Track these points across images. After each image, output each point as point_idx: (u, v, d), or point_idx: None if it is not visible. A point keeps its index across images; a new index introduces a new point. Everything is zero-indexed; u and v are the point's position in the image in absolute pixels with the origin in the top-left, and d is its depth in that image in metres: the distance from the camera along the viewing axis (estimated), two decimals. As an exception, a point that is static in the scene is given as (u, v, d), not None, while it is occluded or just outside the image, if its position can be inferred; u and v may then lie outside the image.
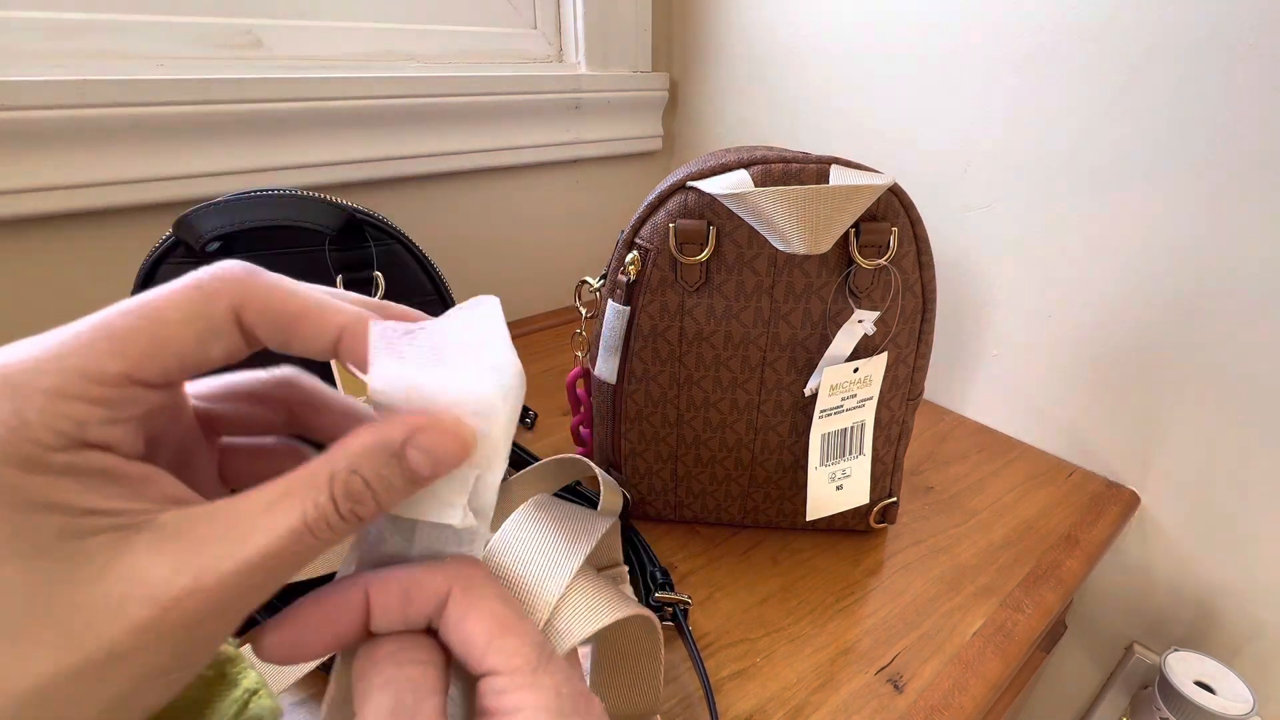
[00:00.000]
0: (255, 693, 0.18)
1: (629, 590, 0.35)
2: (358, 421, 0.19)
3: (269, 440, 0.20)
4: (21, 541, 0.12)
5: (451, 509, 0.17)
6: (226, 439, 0.19)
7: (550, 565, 0.21)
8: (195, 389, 0.18)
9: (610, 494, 0.45)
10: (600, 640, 0.28)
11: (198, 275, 0.15)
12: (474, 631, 0.17)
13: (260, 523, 0.14)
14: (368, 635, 0.17)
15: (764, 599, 0.44)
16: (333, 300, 0.17)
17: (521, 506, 0.24)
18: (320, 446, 0.16)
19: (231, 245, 0.39)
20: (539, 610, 0.20)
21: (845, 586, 0.45)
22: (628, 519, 0.48)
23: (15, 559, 0.12)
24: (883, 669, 0.39)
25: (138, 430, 0.14)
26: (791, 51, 0.72)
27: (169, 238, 0.38)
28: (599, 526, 0.25)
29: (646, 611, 0.23)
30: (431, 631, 0.17)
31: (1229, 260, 0.48)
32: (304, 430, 0.20)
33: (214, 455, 0.19)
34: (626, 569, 0.41)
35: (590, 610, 0.21)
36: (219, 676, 0.18)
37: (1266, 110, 0.44)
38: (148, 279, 0.39)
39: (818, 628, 0.42)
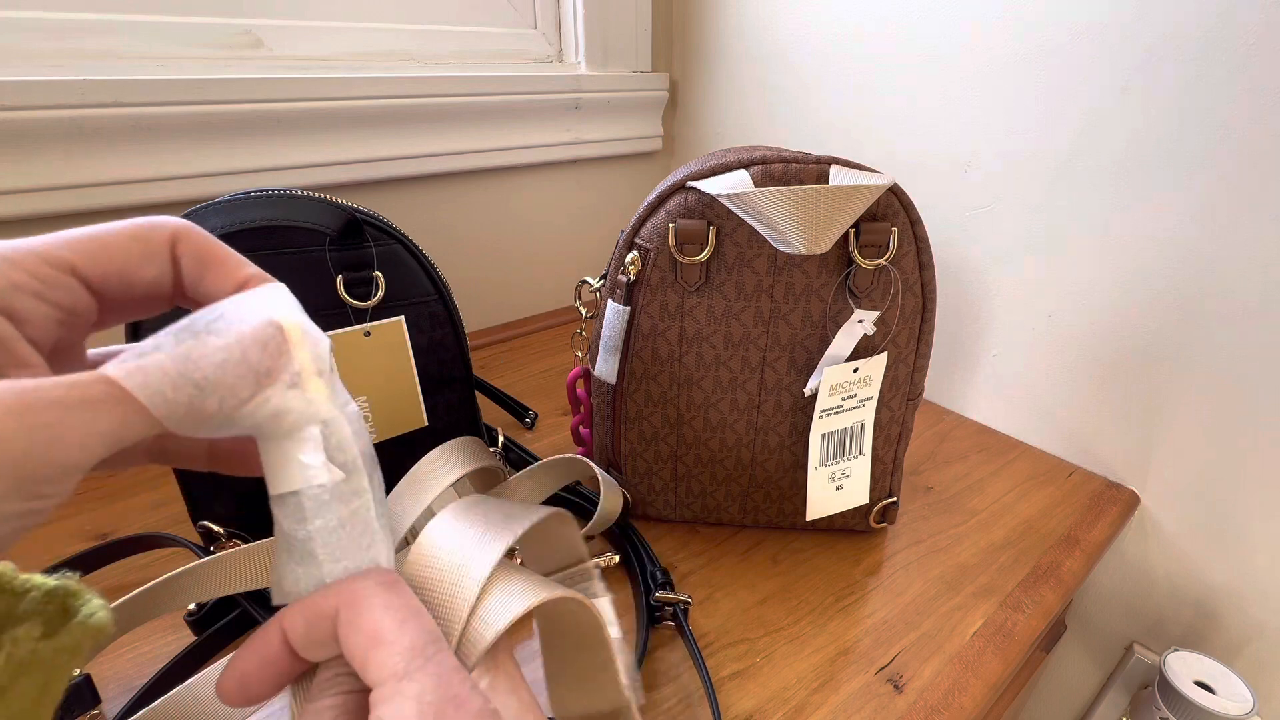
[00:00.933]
0: (70, 593, 0.15)
1: (597, 587, 0.34)
2: (244, 284, 0.18)
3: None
4: None
5: (312, 470, 0.17)
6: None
7: (464, 561, 0.20)
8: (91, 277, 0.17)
9: (610, 494, 0.46)
10: (544, 636, 0.27)
11: (149, 216, 0.17)
12: (353, 647, 0.17)
13: (81, 378, 0.14)
14: (306, 664, 0.18)
15: (764, 599, 0.44)
16: (245, 258, 0.19)
17: (445, 509, 0.22)
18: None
19: (231, 245, 0.39)
20: (458, 610, 0.19)
21: (845, 586, 0.45)
22: (628, 519, 0.48)
23: None
24: (883, 669, 0.39)
25: (55, 318, 0.15)
26: (792, 51, 0.72)
27: (169, 238, 0.38)
28: (528, 516, 0.23)
29: (571, 593, 0.21)
30: None
31: (1229, 261, 0.48)
32: (197, 296, 0.19)
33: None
34: (597, 567, 0.40)
35: (503, 603, 0.19)
36: None
37: (1267, 111, 0.44)
38: (148, 279, 0.39)
39: (818, 628, 0.42)
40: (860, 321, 0.41)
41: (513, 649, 0.20)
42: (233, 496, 0.41)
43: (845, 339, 0.41)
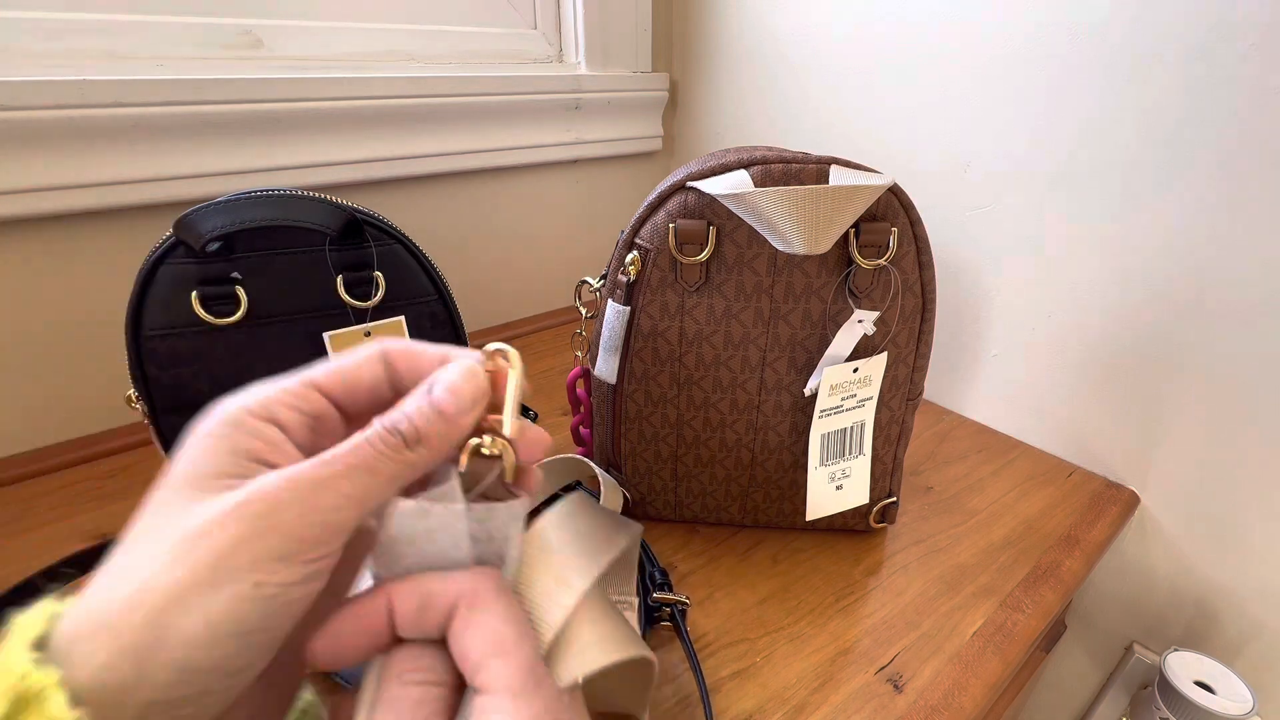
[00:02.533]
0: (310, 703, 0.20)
1: (632, 618, 0.34)
2: (443, 361, 0.21)
3: None
4: (197, 469, 0.17)
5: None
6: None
7: (556, 588, 0.21)
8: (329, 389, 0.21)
9: (610, 494, 0.46)
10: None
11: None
12: (469, 647, 0.17)
13: (335, 448, 0.18)
14: (396, 640, 0.18)
15: (764, 599, 0.44)
16: (441, 347, 0.22)
17: (553, 511, 0.23)
18: None
19: (232, 245, 0.39)
20: (543, 632, 0.20)
21: (845, 586, 0.45)
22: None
23: (185, 482, 0.17)
24: (882, 669, 0.39)
25: (307, 423, 0.19)
26: (792, 51, 0.72)
27: (169, 238, 0.38)
28: (618, 540, 0.23)
29: (651, 655, 0.22)
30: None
31: (1229, 260, 0.48)
32: (406, 388, 0.22)
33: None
34: (635, 596, 0.38)
35: (592, 645, 0.20)
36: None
37: (1268, 111, 0.44)
38: (148, 279, 0.39)
39: (817, 628, 0.42)
40: (860, 321, 0.41)
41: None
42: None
43: (845, 339, 0.41)
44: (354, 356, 0.21)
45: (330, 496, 0.17)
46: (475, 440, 0.20)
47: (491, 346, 0.21)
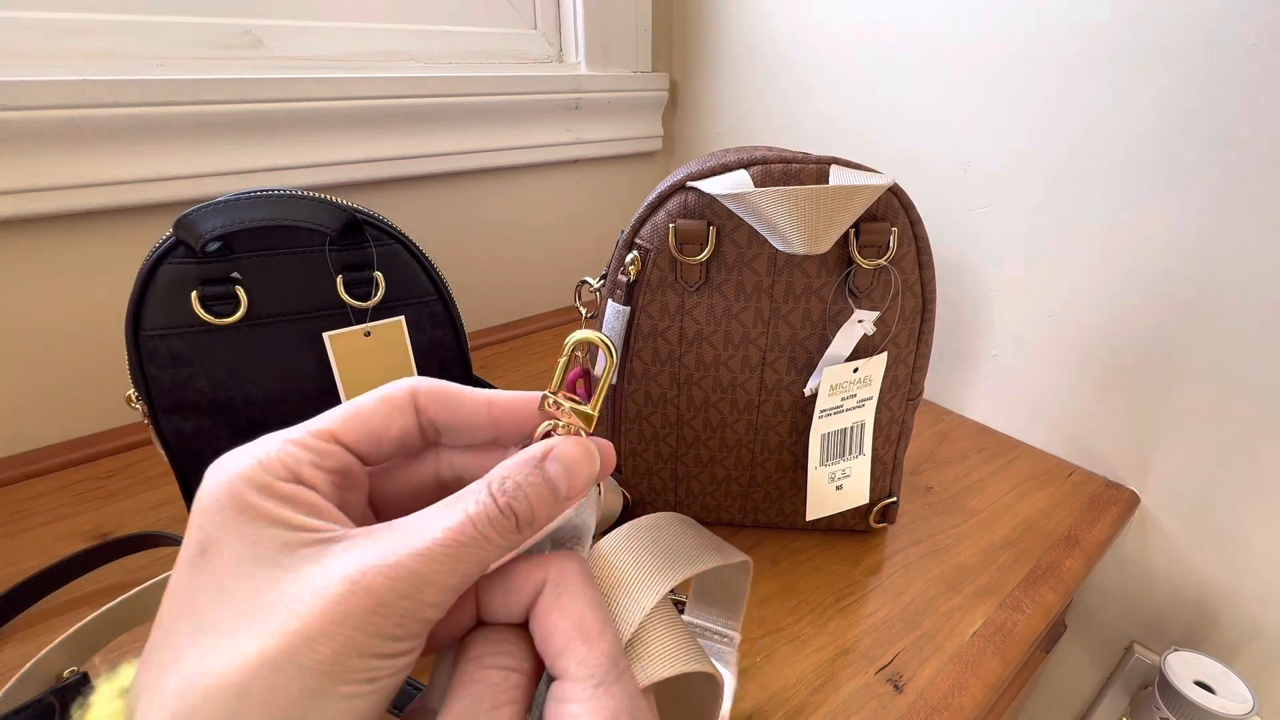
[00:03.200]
0: None
1: (730, 658, 0.33)
2: (489, 408, 0.20)
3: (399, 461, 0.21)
4: (250, 551, 0.15)
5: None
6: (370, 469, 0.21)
7: (637, 587, 0.20)
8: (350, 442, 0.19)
9: (610, 494, 0.46)
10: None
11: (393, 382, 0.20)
12: (552, 630, 0.17)
13: (432, 522, 0.16)
14: (479, 623, 0.18)
15: (764, 599, 0.44)
16: (484, 391, 0.20)
17: (646, 517, 0.22)
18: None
19: (231, 245, 0.39)
20: (621, 629, 0.19)
21: (845, 586, 0.45)
22: (628, 519, 0.48)
23: (243, 566, 0.15)
24: (882, 669, 0.39)
25: (332, 480, 0.17)
26: (792, 51, 0.72)
27: (169, 238, 0.38)
28: (707, 558, 0.22)
29: (714, 670, 0.21)
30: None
31: (1229, 260, 0.48)
32: (444, 434, 0.20)
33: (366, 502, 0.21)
34: (738, 633, 0.35)
35: (667, 652, 0.19)
36: None
37: (1268, 111, 0.44)
38: (148, 279, 0.39)
39: (817, 628, 0.42)
40: (860, 321, 0.41)
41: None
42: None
43: (845, 339, 0.41)
44: (377, 400, 0.19)
45: (431, 593, 0.15)
46: (550, 422, 0.19)
47: (578, 336, 0.20)
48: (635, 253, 0.41)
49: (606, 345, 0.20)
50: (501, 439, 0.20)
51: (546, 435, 0.19)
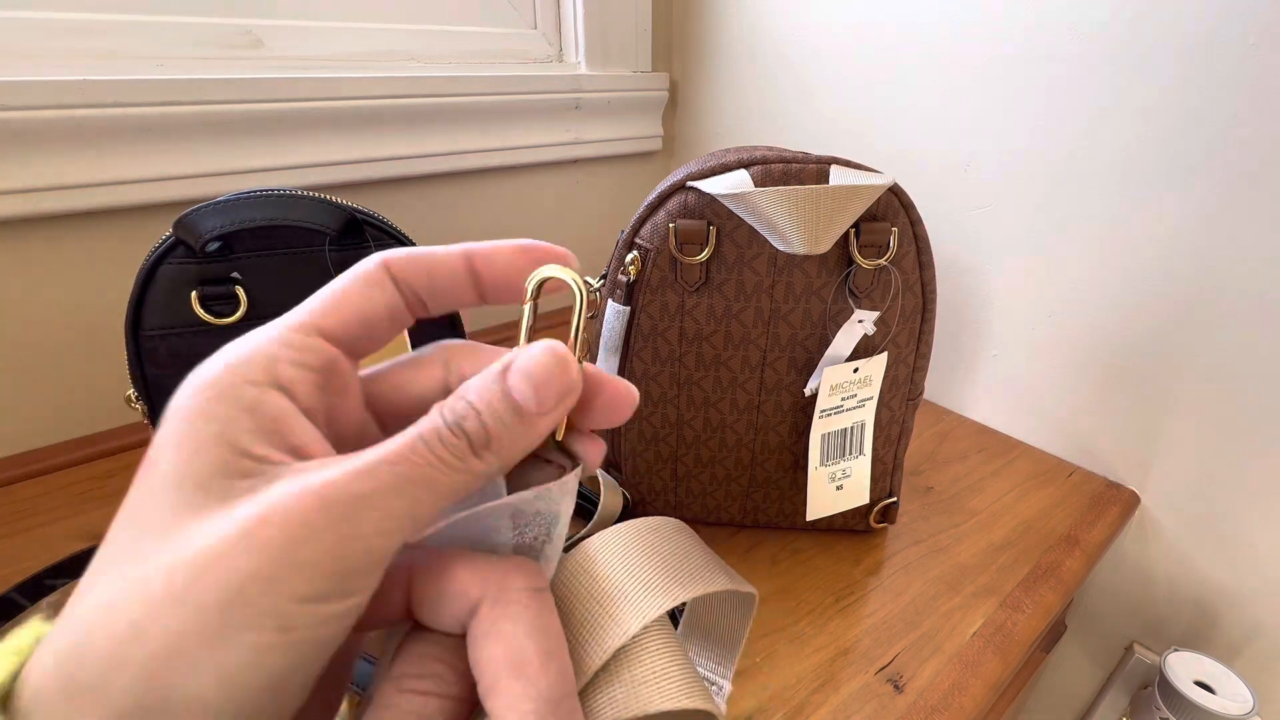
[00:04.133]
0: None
1: (720, 704, 0.28)
2: (467, 259, 0.18)
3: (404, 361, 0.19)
4: (184, 470, 0.13)
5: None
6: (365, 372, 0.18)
7: (619, 605, 0.16)
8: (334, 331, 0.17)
9: (610, 494, 0.46)
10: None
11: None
12: (485, 659, 0.14)
13: (379, 449, 0.14)
14: (413, 619, 0.15)
15: (764, 599, 0.44)
16: (462, 245, 0.18)
17: (647, 519, 0.19)
18: None
19: (231, 245, 0.39)
20: (589, 656, 0.16)
21: (845, 586, 0.45)
22: (628, 519, 0.48)
23: (172, 487, 0.13)
24: (883, 669, 0.39)
25: (315, 381, 0.15)
26: (792, 51, 0.72)
27: (169, 238, 0.38)
28: (712, 578, 0.18)
29: (715, 708, 0.18)
30: None
31: (1229, 261, 0.48)
32: (429, 301, 0.18)
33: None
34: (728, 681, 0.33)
35: (667, 678, 0.16)
36: None
37: (1268, 111, 0.44)
38: (148, 279, 0.39)
39: (817, 628, 0.42)
40: (860, 321, 0.41)
41: None
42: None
43: (845, 339, 0.41)
44: (351, 280, 0.16)
45: (373, 519, 0.13)
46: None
47: (544, 271, 0.17)
48: (635, 253, 0.41)
49: (576, 283, 0.17)
50: (490, 298, 0.18)
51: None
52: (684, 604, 0.18)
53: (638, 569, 0.17)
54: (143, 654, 0.11)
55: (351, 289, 0.16)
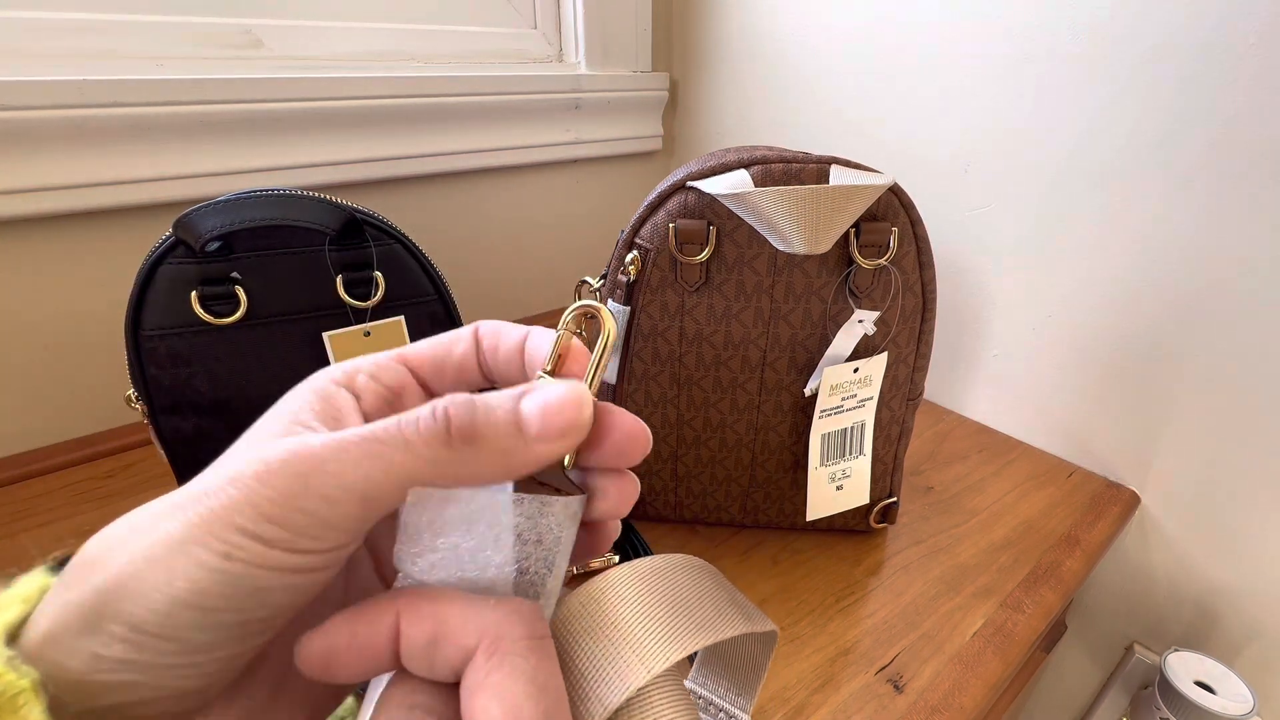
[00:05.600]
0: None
1: None
2: (525, 338, 0.19)
3: None
4: (261, 430, 0.16)
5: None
6: None
7: (625, 657, 0.15)
8: (416, 365, 0.19)
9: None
10: None
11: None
12: (477, 713, 0.13)
13: (366, 425, 0.15)
14: (400, 668, 0.15)
15: (764, 599, 0.44)
16: (526, 327, 0.20)
17: (649, 559, 0.18)
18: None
19: (231, 245, 0.39)
20: (592, 713, 0.15)
21: (845, 587, 0.45)
22: (628, 519, 0.48)
23: (245, 439, 0.16)
24: (883, 669, 0.39)
25: (382, 395, 0.18)
26: (792, 52, 0.72)
27: (169, 238, 0.38)
28: (728, 623, 0.17)
29: None
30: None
31: (1230, 260, 0.48)
32: (494, 371, 0.20)
33: None
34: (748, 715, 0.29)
35: None
36: None
37: (1268, 110, 0.44)
38: (148, 279, 0.39)
39: (818, 628, 0.42)
40: (860, 321, 0.41)
41: None
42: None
43: (845, 339, 0.41)
44: (453, 332, 0.19)
45: (323, 483, 0.14)
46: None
47: (576, 307, 0.18)
48: (635, 253, 0.41)
49: (608, 321, 0.18)
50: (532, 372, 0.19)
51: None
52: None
53: (648, 614, 0.16)
54: (124, 552, 0.13)
55: (444, 338, 0.19)
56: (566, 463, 0.17)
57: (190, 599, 0.13)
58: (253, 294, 0.40)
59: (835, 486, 0.45)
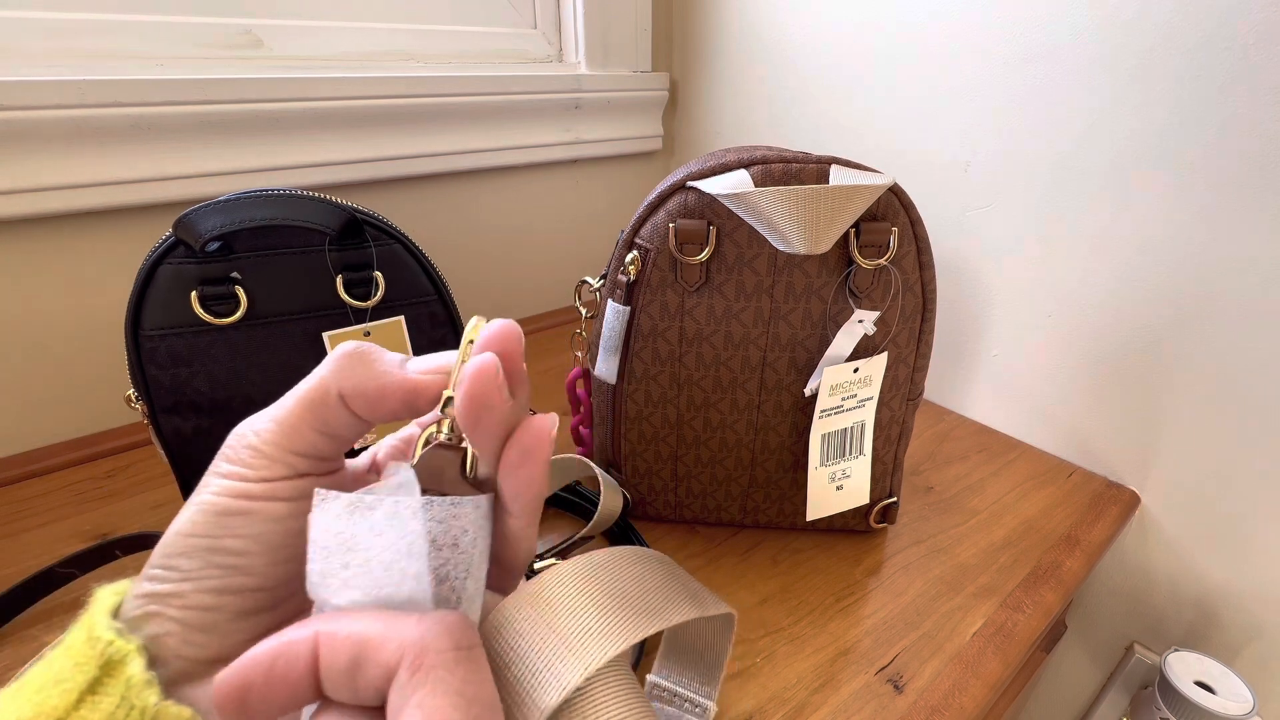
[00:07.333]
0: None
1: None
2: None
3: None
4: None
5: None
6: None
7: (559, 655, 0.15)
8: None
9: (610, 494, 0.46)
10: None
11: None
12: None
13: None
14: (324, 698, 0.14)
15: (764, 599, 0.44)
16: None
17: (589, 554, 0.17)
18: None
19: (231, 245, 0.40)
20: (528, 716, 0.14)
21: (845, 587, 0.45)
22: (627, 519, 0.48)
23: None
24: (883, 669, 0.39)
25: (336, 444, 0.18)
26: (792, 51, 0.72)
27: (169, 238, 0.38)
28: (676, 610, 0.16)
29: None
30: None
31: (1229, 260, 0.48)
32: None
33: None
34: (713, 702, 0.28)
35: None
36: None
37: (1268, 110, 0.44)
38: (147, 279, 0.39)
39: (818, 628, 0.42)
40: (860, 321, 0.41)
41: None
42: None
43: (845, 339, 0.41)
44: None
45: (272, 414, 0.17)
46: (432, 427, 0.17)
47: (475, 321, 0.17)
48: (635, 253, 0.41)
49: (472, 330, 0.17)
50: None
51: (430, 442, 0.17)
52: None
53: (585, 610, 0.15)
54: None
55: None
56: (468, 469, 0.17)
57: (182, 529, 0.16)
58: (253, 294, 0.40)
59: (835, 486, 0.45)
